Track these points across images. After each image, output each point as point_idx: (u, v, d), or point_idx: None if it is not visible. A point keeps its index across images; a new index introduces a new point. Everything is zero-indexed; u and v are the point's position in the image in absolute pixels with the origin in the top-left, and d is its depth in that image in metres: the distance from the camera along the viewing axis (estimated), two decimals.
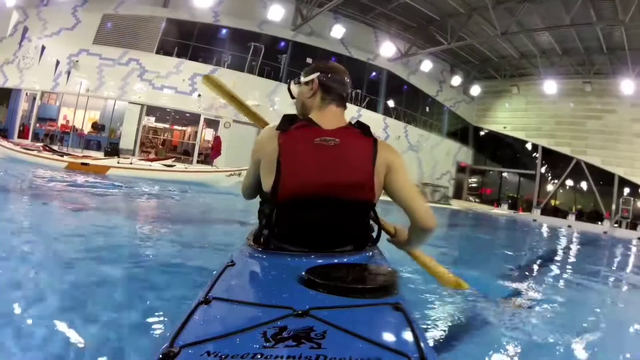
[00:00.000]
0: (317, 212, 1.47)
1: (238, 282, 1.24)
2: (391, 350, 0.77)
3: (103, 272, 2.45)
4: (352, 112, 20.82)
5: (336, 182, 1.46)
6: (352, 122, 1.62)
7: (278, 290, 1.14)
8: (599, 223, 21.84)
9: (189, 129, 21.18)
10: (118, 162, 9.05)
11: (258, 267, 1.44)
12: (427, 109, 26.11)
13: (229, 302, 1.02)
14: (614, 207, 22.94)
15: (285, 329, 0.83)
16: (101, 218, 4.44)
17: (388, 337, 0.85)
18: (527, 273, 5.31)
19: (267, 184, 1.52)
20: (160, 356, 0.75)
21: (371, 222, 1.65)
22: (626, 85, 21.42)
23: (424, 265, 1.98)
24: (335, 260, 1.34)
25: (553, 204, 25.88)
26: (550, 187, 26.44)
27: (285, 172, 1.47)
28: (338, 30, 19.95)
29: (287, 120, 1.56)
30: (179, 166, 10.51)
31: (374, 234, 1.67)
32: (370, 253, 1.52)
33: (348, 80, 1.69)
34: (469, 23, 19.16)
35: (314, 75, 1.67)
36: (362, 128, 1.59)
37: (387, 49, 21.70)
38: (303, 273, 1.14)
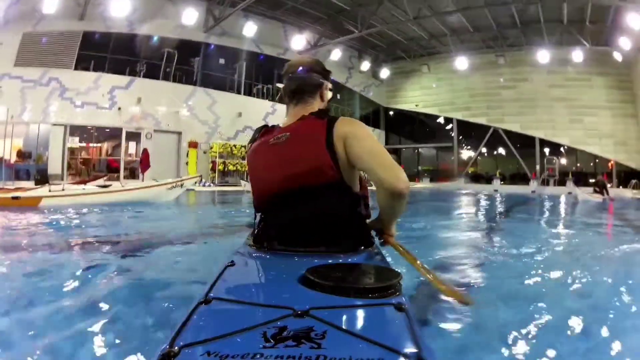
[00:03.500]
0: (293, 208, 1.75)
1: (238, 282, 1.46)
2: (391, 350, 0.87)
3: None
4: (267, 108, 25.39)
5: (294, 174, 1.72)
6: (314, 112, 1.87)
7: (278, 290, 1.34)
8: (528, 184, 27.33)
9: (105, 145, 23.37)
10: (50, 191, 9.34)
11: (258, 267, 1.71)
12: (338, 96, 31.11)
13: (229, 302, 1.20)
14: (538, 167, 29.01)
15: (285, 329, 0.96)
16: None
17: (388, 337, 0.94)
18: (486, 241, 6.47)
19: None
20: (160, 356, 0.87)
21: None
22: (542, 56, 27.18)
23: (418, 268, 1.68)
24: (331, 260, 1.53)
25: (471, 172, 31.98)
26: (468, 157, 32.75)
27: (252, 181, 1.90)
28: (250, 29, 24.11)
29: (256, 132, 1.99)
30: (115, 185, 10.99)
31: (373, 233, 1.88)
32: (371, 253, 1.75)
33: (301, 69, 2.00)
34: (379, 10, 23.73)
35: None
36: (318, 113, 1.85)
37: (297, 42, 26.44)
38: (303, 273, 1.31)
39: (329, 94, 2.08)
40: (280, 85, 2.33)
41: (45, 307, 2.75)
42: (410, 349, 0.90)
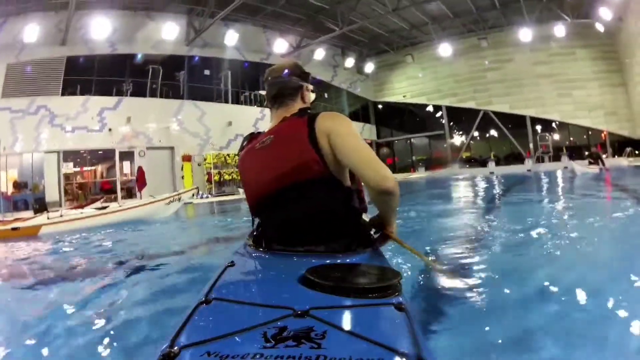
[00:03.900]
0: (285, 207, 1.78)
1: (238, 283, 1.50)
2: (391, 350, 0.88)
3: None
4: (256, 114, 25.56)
5: (282, 173, 1.76)
6: (294, 112, 1.94)
7: (278, 290, 1.35)
8: (523, 163, 27.66)
9: (100, 167, 23.25)
10: (48, 218, 9.33)
11: (258, 267, 1.75)
12: (326, 95, 31.59)
13: (229, 303, 1.21)
14: (531, 145, 29.23)
15: (285, 329, 0.97)
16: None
17: (388, 337, 0.95)
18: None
19: None
20: (161, 357, 0.89)
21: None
22: (524, 34, 27.43)
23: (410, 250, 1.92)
24: (329, 261, 1.55)
25: (466, 156, 32.34)
26: (461, 142, 33.07)
27: (244, 187, 1.98)
28: (232, 37, 24.39)
29: (244, 141, 2.08)
30: (113, 206, 11.02)
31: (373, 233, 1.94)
32: (371, 253, 1.75)
33: (285, 73, 2.07)
34: (358, 6, 23.95)
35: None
36: (298, 112, 1.92)
37: (280, 46, 26.71)
38: (303, 273, 1.33)
39: (311, 96, 2.14)
40: (263, 92, 2.37)
41: (54, 324, 2.84)
42: (410, 349, 0.91)
